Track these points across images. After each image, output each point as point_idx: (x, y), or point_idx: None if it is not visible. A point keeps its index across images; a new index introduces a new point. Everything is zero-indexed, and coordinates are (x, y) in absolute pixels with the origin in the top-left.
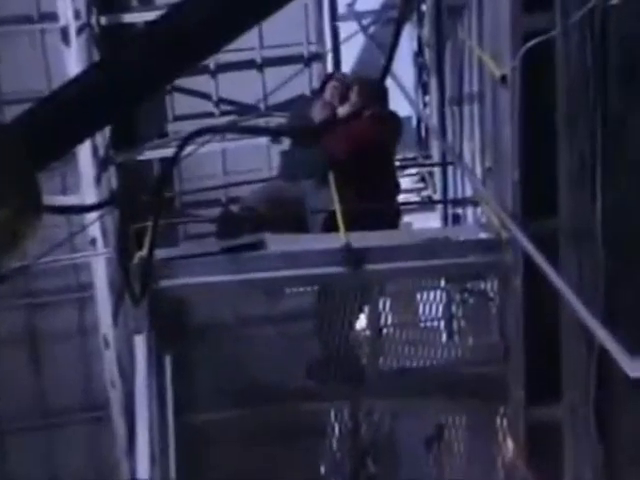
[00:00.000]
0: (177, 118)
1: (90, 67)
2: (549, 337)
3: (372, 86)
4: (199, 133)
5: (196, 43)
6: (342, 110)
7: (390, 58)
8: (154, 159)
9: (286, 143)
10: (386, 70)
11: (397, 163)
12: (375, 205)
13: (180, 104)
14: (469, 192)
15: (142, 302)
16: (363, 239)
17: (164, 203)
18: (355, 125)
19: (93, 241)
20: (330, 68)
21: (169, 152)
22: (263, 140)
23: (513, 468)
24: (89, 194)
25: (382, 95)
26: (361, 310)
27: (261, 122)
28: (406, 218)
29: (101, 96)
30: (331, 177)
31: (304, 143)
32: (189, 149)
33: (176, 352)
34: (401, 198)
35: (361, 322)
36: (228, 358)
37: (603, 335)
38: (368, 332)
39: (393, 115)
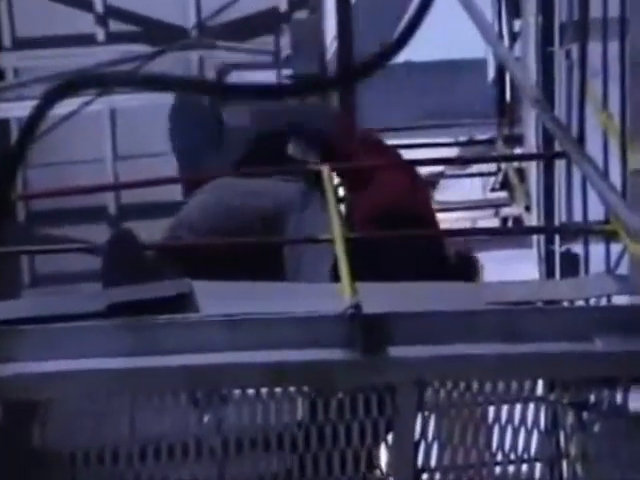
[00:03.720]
0: (19, 44)
1: None
2: None
3: None
4: (73, 85)
5: None
6: None
7: None
8: None
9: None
10: None
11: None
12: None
13: (25, 17)
14: (597, 213)
15: None
16: (386, 297)
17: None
18: None
19: None
20: None
21: (5, 110)
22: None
23: None
24: None
25: None
26: (379, 438)
27: (193, 59)
28: None
29: None
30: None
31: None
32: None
33: None
34: (462, 219)
35: (380, 459)
36: None
37: None
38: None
39: None
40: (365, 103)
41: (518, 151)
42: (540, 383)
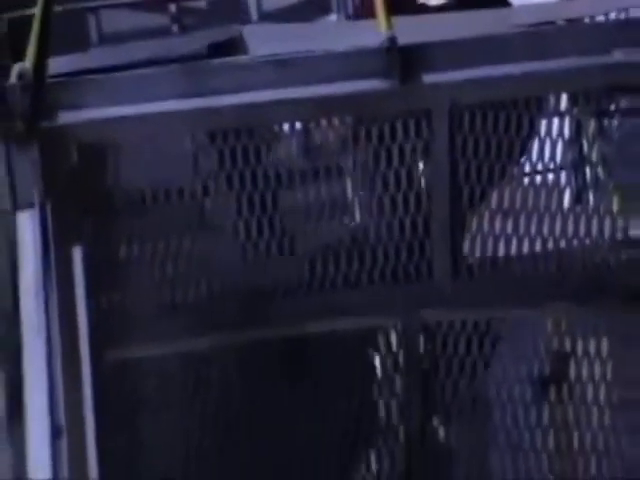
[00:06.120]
0: None
1: None
2: None
3: None
4: None
5: None
6: None
7: None
8: None
9: None
10: None
11: None
12: None
13: None
14: None
15: (28, 150)
16: (420, 29)
17: None
18: None
19: None
20: None
21: None
22: None
23: None
24: None
25: None
26: (415, 153)
27: None
28: None
29: None
30: None
31: None
32: None
33: (92, 241)
34: None
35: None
36: (193, 250)
37: None
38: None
39: None
40: None
41: None
42: (564, 98)
